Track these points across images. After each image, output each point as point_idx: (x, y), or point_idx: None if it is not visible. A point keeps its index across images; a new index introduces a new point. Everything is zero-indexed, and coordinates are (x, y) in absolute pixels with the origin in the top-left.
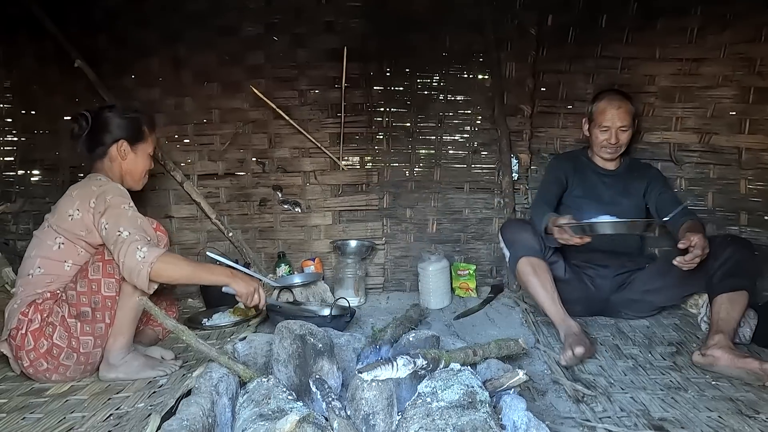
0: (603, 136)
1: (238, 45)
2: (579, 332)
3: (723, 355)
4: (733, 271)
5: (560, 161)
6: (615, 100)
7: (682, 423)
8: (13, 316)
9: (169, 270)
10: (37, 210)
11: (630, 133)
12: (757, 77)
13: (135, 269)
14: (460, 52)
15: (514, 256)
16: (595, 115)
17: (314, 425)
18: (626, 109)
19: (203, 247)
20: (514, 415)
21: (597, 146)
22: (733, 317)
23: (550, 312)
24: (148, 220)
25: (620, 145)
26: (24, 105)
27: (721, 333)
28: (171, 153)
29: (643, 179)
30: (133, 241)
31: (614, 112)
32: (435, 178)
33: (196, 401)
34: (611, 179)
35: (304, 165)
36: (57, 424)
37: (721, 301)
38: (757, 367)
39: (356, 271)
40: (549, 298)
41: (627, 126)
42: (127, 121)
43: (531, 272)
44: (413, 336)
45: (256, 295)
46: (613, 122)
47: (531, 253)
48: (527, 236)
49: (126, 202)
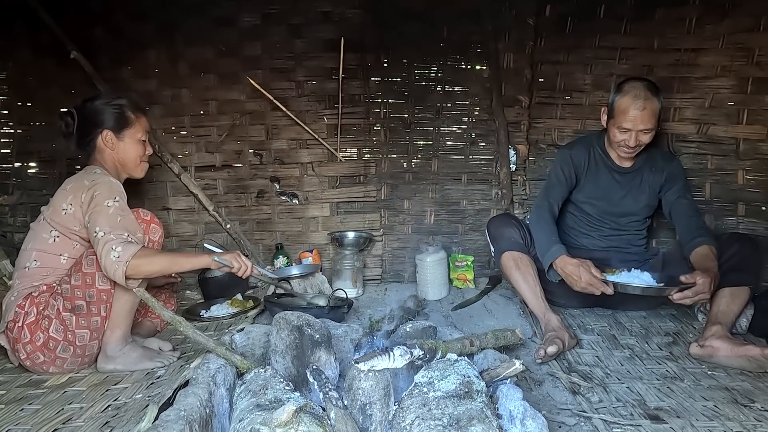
0: (621, 137)
1: (234, 36)
2: (559, 326)
3: (722, 345)
4: (738, 266)
5: (571, 155)
6: (640, 99)
7: (678, 412)
8: (10, 309)
9: (145, 266)
10: (35, 202)
11: (652, 134)
12: (756, 67)
13: (110, 269)
14: (457, 43)
15: (498, 250)
16: (616, 111)
17: (311, 415)
18: (651, 111)
19: (201, 239)
20: (511, 404)
21: (614, 144)
22: (732, 311)
23: (531, 305)
24: (141, 212)
25: (639, 147)
26: (20, 97)
27: (719, 324)
28: (168, 145)
29: (661, 173)
30: (108, 241)
31: (637, 114)
32: (433, 169)
33: (193, 392)
34: (625, 177)
35: (302, 156)
36: (55, 415)
37: (723, 294)
38: (759, 353)
39: (354, 262)
40: (531, 291)
41: (650, 129)
42: (109, 110)
43: (514, 266)
44: (410, 327)
45: (243, 258)
46: (634, 125)
47: (515, 247)
48: (511, 231)
49: (111, 198)
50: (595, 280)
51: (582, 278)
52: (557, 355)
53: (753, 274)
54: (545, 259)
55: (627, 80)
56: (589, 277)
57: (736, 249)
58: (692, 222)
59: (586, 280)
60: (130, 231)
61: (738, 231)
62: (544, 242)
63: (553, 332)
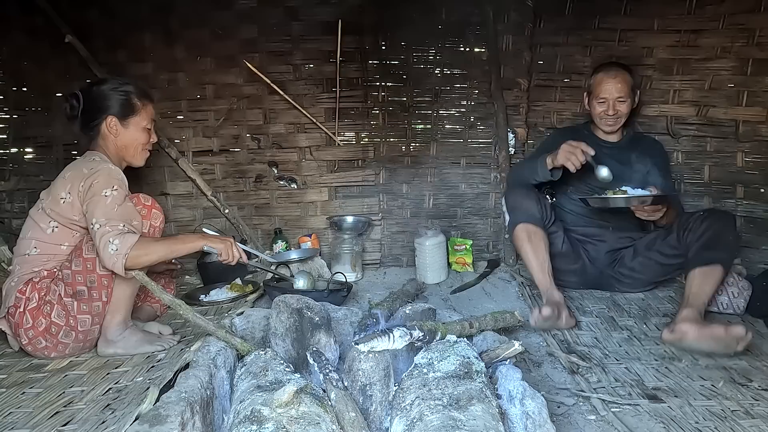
0: (601, 108)
1: (231, 18)
2: (560, 302)
3: (690, 328)
4: (708, 244)
5: (560, 135)
6: (612, 70)
7: (676, 392)
8: (10, 294)
9: (143, 257)
10: (32, 188)
11: (629, 104)
12: (756, 48)
13: (109, 262)
14: (456, 25)
15: (513, 221)
16: (593, 87)
17: (312, 396)
18: (623, 79)
19: (199, 224)
20: (510, 384)
21: (596, 118)
22: (704, 291)
23: (537, 279)
24: (142, 197)
25: (619, 117)
26: (15, 82)
27: (690, 307)
28: (165, 129)
29: (646, 156)
30: (105, 233)
31: (611, 82)
32: (431, 153)
33: (194, 374)
34: (614, 151)
35: (300, 141)
36: (56, 398)
37: (694, 275)
38: (723, 332)
39: (353, 246)
40: (539, 265)
41: (624, 96)
42: (116, 96)
43: (526, 239)
44: (410, 309)
45: (234, 249)
46: (610, 93)
47: (530, 220)
48: (530, 204)
49: (109, 186)
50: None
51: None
52: (551, 325)
53: (724, 251)
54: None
55: (601, 64)
56: (565, 146)
57: (705, 226)
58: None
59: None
60: (127, 220)
61: (737, 216)
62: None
63: (554, 305)
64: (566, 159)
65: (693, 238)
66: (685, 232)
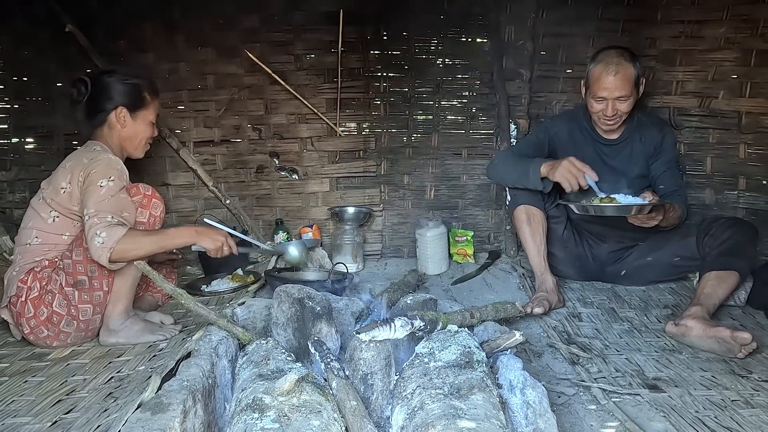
0: (598, 107)
1: (232, 8)
2: (552, 289)
3: (696, 325)
4: (729, 251)
5: (549, 126)
6: (612, 64)
7: (676, 382)
8: (12, 284)
9: (131, 251)
10: (33, 178)
11: (631, 102)
12: (760, 39)
13: (95, 254)
14: (458, 15)
15: (514, 202)
16: (590, 81)
17: (313, 384)
18: (624, 75)
19: (201, 215)
20: (511, 374)
21: (594, 116)
22: (717, 294)
23: (533, 262)
24: (142, 187)
25: (619, 117)
26: (15, 71)
27: (699, 305)
28: (166, 120)
29: (650, 144)
30: (93, 225)
31: (611, 80)
32: (433, 143)
33: (196, 363)
34: (612, 150)
35: (301, 131)
36: (59, 386)
37: (709, 277)
38: (728, 336)
39: (354, 237)
40: (535, 248)
41: (626, 95)
42: (128, 87)
43: (525, 220)
44: (411, 299)
45: (225, 247)
46: (609, 92)
47: (530, 202)
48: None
49: (106, 177)
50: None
51: (562, 165)
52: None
53: (743, 260)
54: (531, 174)
55: (602, 49)
56: (567, 164)
57: (728, 234)
58: (674, 199)
59: (566, 166)
60: (116, 212)
61: (738, 208)
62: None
63: (544, 293)
64: (564, 179)
65: (714, 243)
66: (706, 237)
